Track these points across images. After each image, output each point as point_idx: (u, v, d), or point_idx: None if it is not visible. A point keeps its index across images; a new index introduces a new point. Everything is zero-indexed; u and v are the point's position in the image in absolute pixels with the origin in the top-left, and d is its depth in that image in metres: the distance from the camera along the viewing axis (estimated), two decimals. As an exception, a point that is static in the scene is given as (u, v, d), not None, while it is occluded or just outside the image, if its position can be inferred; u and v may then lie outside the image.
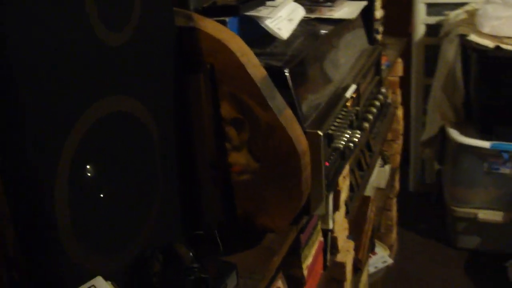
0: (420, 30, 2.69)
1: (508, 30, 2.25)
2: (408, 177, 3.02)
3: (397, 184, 2.43)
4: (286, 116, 0.84)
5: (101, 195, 0.73)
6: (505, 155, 2.31)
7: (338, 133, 1.04)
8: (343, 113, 1.08)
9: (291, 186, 0.87)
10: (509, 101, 2.27)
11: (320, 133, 0.93)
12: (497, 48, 2.21)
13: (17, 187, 0.62)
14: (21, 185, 0.62)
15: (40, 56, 0.60)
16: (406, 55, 2.51)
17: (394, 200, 2.44)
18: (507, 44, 2.22)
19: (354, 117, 1.11)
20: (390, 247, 2.45)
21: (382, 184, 2.20)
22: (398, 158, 2.35)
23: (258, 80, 0.81)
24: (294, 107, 0.91)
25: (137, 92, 0.77)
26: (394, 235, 2.51)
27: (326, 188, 0.99)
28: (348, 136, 1.07)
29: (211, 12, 0.94)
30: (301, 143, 0.86)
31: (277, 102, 0.84)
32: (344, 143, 1.05)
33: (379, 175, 2.16)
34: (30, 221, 0.64)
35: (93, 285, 0.60)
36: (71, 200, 0.67)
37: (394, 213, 2.45)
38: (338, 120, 1.04)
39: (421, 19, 2.67)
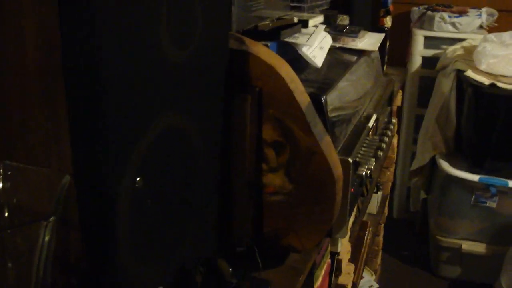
0: (416, 62, 2.76)
1: (504, 69, 2.33)
2: (392, 204, 3.08)
3: (386, 211, 2.48)
4: (326, 143, 0.88)
5: (148, 206, 0.76)
6: (493, 190, 2.38)
7: (363, 161, 1.08)
8: (366, 142, 1.12)
9: (323, 210, 0.91)
10: (500, 137, 2.34)
11: (350, 160, 0.97)
12: (492, 85, 2.29)
13: (87, 195, 0.65)
14: (90, 193, 0.65)
15: (122, 76, 0.63)
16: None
17: (382, 226, 2.49)
18: (502, 82, 2.29)
19: (375, 147, 1.15)
20: (374, 272, 2.50)
21: (374, 210, 2.25)
22: (389, 186, 2.40)
23: (304, 107, 0.85)
24: (328, 133, 0.95)
25: (189, 108, 0.80)
26: (379, 260, 2.55)
27: (349, 213, 1.03)
28: (367, 164, 1.11)
29: (253, 35, 0.98)
30: (337, 169, 0.89)
31: (318, 128, 0.87)
32: (365, 170, 1.09)
33: (372, 201, 2.21)
34: (93, 228, 0.66)
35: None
36: (130, 210, 0.69)
37: (381, 238, 2.50)
38: (363, 148, 1.08)
39: (419, 51, 2.74)
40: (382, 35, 1.41)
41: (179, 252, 0.81)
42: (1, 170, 0.68)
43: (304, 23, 1.13)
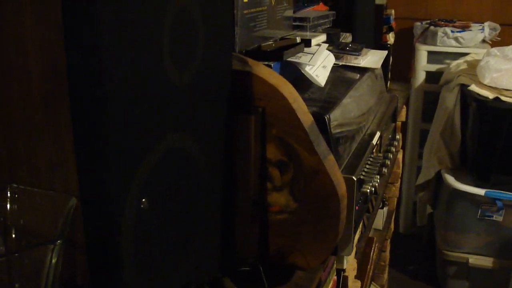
0: (420, 77, 2.77)
1: (507, 83, 2.33)
2: (399, 218, 3.08)
3: (392, 226, 2.48)
4: (330, 161, 0.88)
5: (152, 227, 0.77)
6: (499, 203, 2.37)
7: (367, 179, 1.08)
8: (370, 159, 1.12)
9: (328, 228, 0.91)
10: (505, 150, 2.34)
11: (354, 178, 0.98)
12: (496, 99, 2.29)
13: (92, 218, 0.65)
14: (95, 215, 0.65)
15: (126, 99, 0.64)
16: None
17: (388, 241, 2.48)
18: (505, 96, 2.30)
19: (380, 164, 1.16)
20: (381, 287, 2.49)
21: (380, 225, 2.24)
22: (395, 201, 2.40)
23: (307, 126, 0.86)
24: (331, 151, 0.96)
25: (193, 129, 0.81)
26: (386, 275, 2.54)
27: (354, 230, 1.03)
28: (372, 181, 1.11)
29: (256, 56, 0.99)
30: (341, 187, 0.90)
31: (322, 147, 0.88)
32: (369, 188, 1.09)
33: (378, 216, 2.21)
34: (98, 248, 0.67)
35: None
36: (135, 230, 0.70)
37: (387, 254, 2.49)
38: (367, 166, 1.09)
39: (422, 65, 2.76)
40: (385, 53, 1.42)
41: (184, 271, 0.81)
42: (8, 193, 0.69)
43: (307, 43, 1.14)
